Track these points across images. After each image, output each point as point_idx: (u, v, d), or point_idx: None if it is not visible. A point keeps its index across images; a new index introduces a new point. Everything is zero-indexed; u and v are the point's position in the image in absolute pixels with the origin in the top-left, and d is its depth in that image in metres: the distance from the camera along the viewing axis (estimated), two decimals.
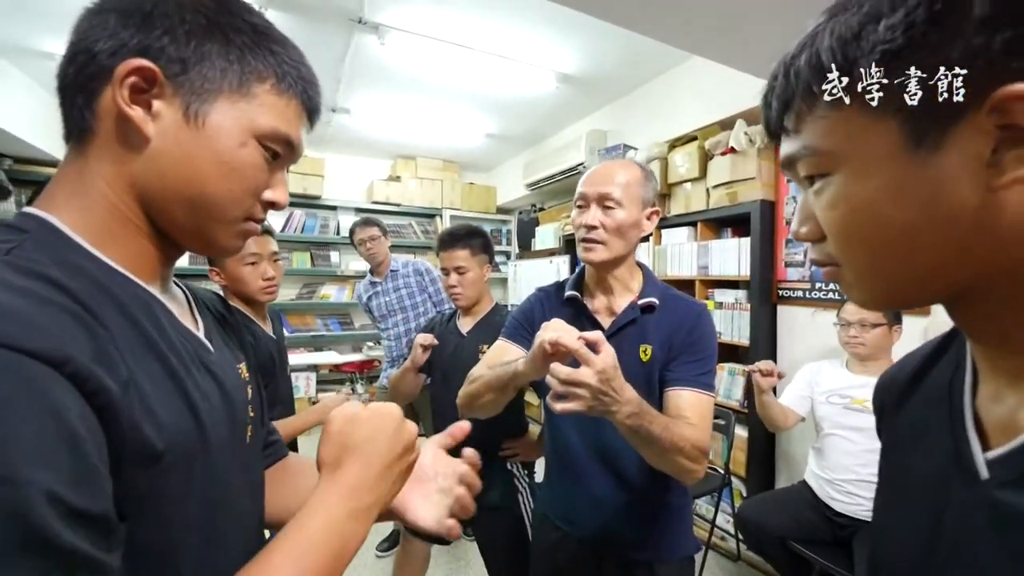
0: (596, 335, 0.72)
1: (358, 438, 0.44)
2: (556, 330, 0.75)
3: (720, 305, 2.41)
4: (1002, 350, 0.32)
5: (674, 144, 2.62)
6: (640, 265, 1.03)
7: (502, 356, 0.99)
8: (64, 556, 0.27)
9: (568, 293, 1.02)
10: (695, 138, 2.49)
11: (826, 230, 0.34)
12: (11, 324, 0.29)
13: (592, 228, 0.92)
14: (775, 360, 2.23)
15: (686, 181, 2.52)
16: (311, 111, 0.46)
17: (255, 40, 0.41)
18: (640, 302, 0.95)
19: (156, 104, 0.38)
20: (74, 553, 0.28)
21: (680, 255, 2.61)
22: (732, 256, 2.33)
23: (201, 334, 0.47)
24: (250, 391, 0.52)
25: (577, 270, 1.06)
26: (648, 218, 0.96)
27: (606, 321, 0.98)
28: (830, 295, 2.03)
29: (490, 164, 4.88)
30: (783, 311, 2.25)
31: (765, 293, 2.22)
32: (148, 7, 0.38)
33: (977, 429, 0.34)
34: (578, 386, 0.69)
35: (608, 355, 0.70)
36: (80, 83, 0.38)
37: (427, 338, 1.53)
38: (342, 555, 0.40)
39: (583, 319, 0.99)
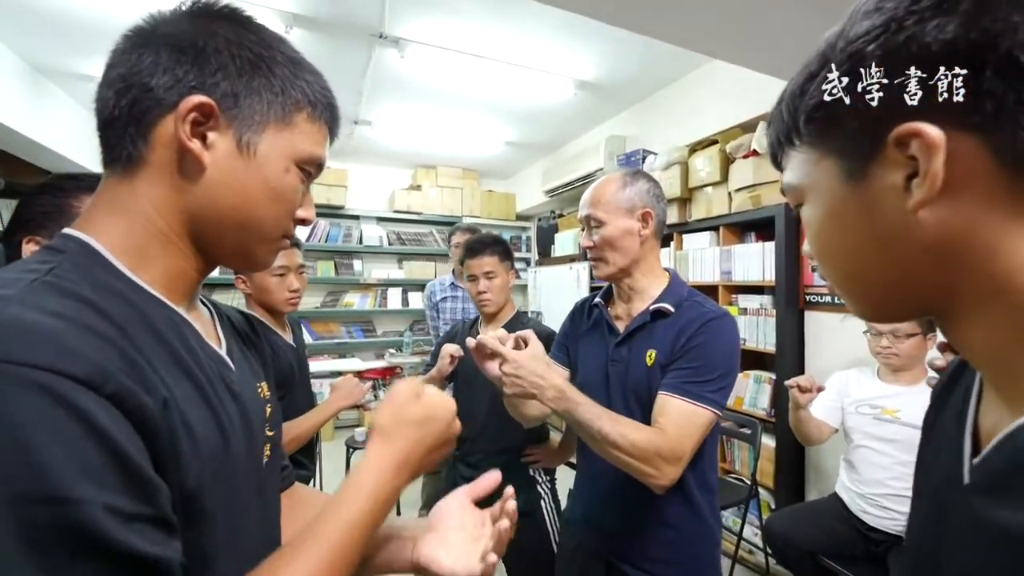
0: (526, 333, 0.87)
1: (415, 416, 0.49)
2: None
3: (744, 311, 2.35)
4: (981, 365, 0.34)
5: (694, 148, 2.58)
6: (669, 271, 1.03)
7: None
8: (128, 559, 0.30)
9: (594, 302, 1.09)
10: (716, 141, 2.45)
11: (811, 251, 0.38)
12: (51, 348, 0.31)
13: (590, 248, 1.00)
14: (803, 368, 2.17)
15: (707, 185, 2.48)
16: (333, 132, 0.50)
17: (292, 72, 0.44)
18: (652, 308, 0.96)
19: (211, 135, 0.41)
20: (136, 554, 0.30)
21: (702, 260, 2.56)
22: (756, 261, 2.28)
23: (223, 352, 0.48)
24: (269, 410, 0.53)
25: None
26: (642, 220, 0.97)
27: (623, 327, 1.01)
28: None
29: (509, 172, 4.91)
30: (810, 317, 2.18)
31: (791, 298, 2.16)
32: (200, 43, 0.40)
33: (975, 437, 0.35)
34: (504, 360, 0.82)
35: (533, 348, 0.85)
36: (135, 115, 0.40)
37: (455, 348, 1.55)
38: (374, 529, 0.45)
39: (603, 325, 1.04)
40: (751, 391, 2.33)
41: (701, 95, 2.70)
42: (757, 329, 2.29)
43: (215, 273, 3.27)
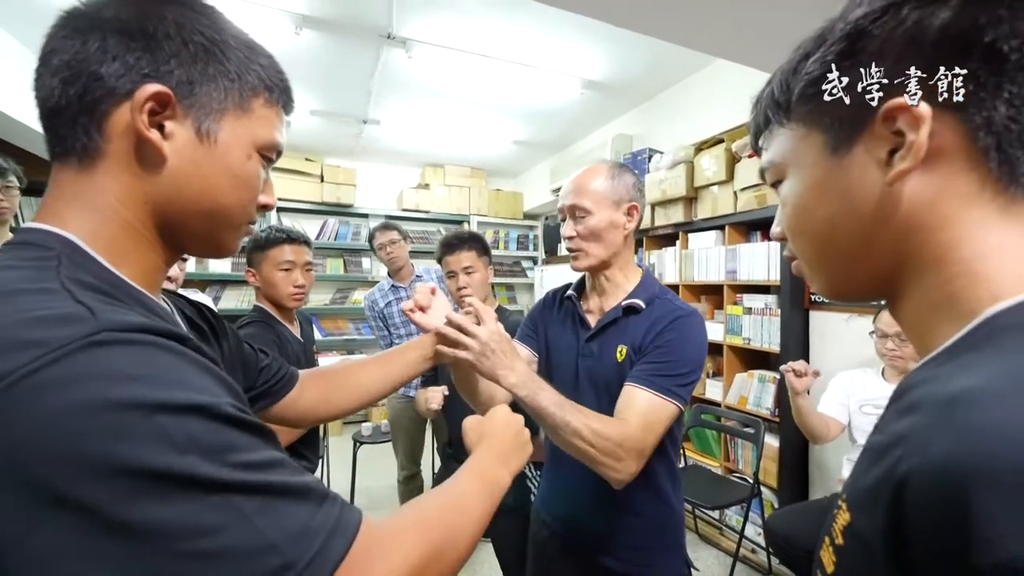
0: (491, 312, 0.84)
1: (488, 431, 0.62)
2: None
3: (749, 311, 2.35)
4: (912, 337, 0.36)
5: (700, 147, 2.58)
6: (642, 267, 1.03)
7: None
8: (261, 429, 0.36)
9: (567, 294, 1.07)
10: (722, 140, 2.45)
11: (783, 227, 0.41)
12: (136, 316, 0.33)
13: (570, 239, 0.97)
14: None
15: (713, 184, 2.48)
16: (288, 113, 0.50)
17: (247, 56, 0.44)
18: (624, 303, 0.96)
19: (169, 125, 0.40)
20: (264, 427, 0.37)
21: (707, 260, 2.56)
22: (761, 260, 2.28)
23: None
24: None
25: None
26: (627, 214, 0.97)
27: (594, 321, 1.00)
28: None
29: (517, 170, 4.93)
30: (816, 316, 2.18)
31: (796, 298, 2.16)
32: (150, 28, 0.39)
33: None
34: (469, 336, 0.80)
35: (502, 328, 0.83)
36: (86, 105, 0.38)
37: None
38: (492, 495, 0.52)
39: (574, 318, 1.03)
40: (755, 391, 2.33)
41: (708, 94, 2.70)
42: (762, 328, 2.29)
43: (227, 270, 3.32)
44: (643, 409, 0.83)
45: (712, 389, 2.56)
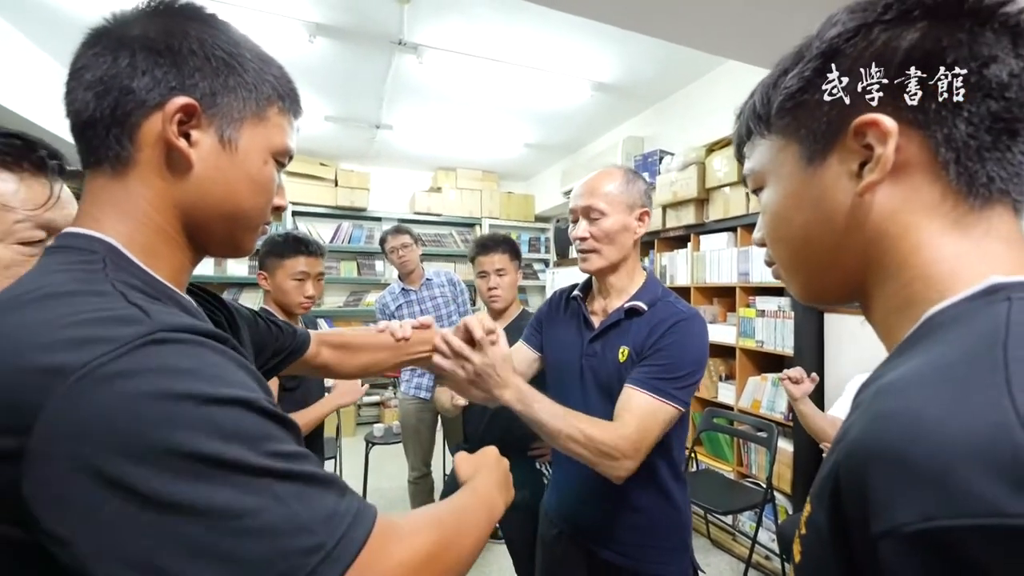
0: (497, 330, 0.85)
1: (483, 464, 0.64)
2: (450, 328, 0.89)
3: (762, 313, 2.32)
4: (882, 338, 0.38)
5: (712, 148, 2.56)
6: (646, 271, 1.05)
7: (516, 356, 1.08)
8: (289, 424, 0.39)
9: (573, 294, 1.09)
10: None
11: (763, 232, 0.43)
12: (183, 318, 0.36)
13: (583, 239, 0.98)
14: (822, 371, 2.12)
15: (725, 185, 2.46)
16: (297, 119, 0.53)
17: (262, 68, 0.47)
18: (626, 305, 0.97)
19: (195, 134, 0.43)
20: (291, 422, 0.39)
21: (719, 261, 2.54)
22: None
23: None
24: None
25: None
26: (639, 219, 0.98)
27: (598, 322, 1.02)
28: None
29: (528, 173, 4.95)
30: (830, 319, 2.14)
31: None
32: (176, 45, 0.42)
33: None
34: (464, 359, 0.82)
35: (501, 346, 0.84)
36: (118, 117, 0.41)
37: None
38: (490, 517, 0.54)
39: (579, 318, 1.05)
40: (768, 394, 2.29)
41: (719, 95, 2.68)
42: (775, 331, 2.26)
43: (243, 273, 3.38)
44: (640, 411, 0.85)
45: (725, 392, 2.53)
